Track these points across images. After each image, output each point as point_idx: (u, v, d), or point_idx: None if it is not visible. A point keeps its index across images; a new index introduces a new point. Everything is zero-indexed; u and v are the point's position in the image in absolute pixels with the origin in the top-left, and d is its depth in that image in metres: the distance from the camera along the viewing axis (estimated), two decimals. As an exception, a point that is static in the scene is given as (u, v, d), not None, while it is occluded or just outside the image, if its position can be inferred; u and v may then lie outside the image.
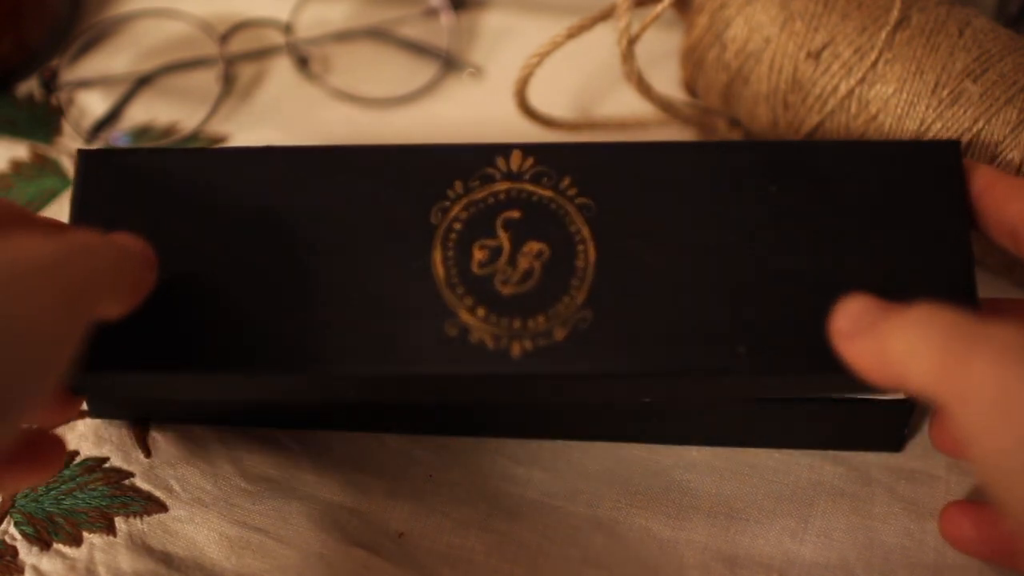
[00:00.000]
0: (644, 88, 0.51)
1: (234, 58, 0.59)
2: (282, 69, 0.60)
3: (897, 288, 0.39)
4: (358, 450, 0.46)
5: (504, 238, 0.41)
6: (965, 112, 0.46)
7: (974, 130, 0.46)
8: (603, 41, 0.52)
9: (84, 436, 0.46)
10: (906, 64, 0.47)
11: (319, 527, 0.43)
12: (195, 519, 0.44)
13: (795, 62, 0.49)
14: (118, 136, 0.57)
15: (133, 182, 0.42)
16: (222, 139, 0.57)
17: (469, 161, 0.42)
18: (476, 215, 0.41)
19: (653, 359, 0.39)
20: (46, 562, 0.42)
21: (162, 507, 0.44)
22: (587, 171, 0.41)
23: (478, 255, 0.40)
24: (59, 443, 0.38)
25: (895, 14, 0.48)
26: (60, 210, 0.54)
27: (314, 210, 0.41)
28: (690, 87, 0.55)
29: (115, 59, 0.60)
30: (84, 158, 0.42)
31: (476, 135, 0.57)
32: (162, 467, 0.45)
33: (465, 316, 0.39)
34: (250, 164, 0.42)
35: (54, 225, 0.41)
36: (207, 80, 0.58)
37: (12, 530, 0.43)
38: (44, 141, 0.57)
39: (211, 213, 0.41)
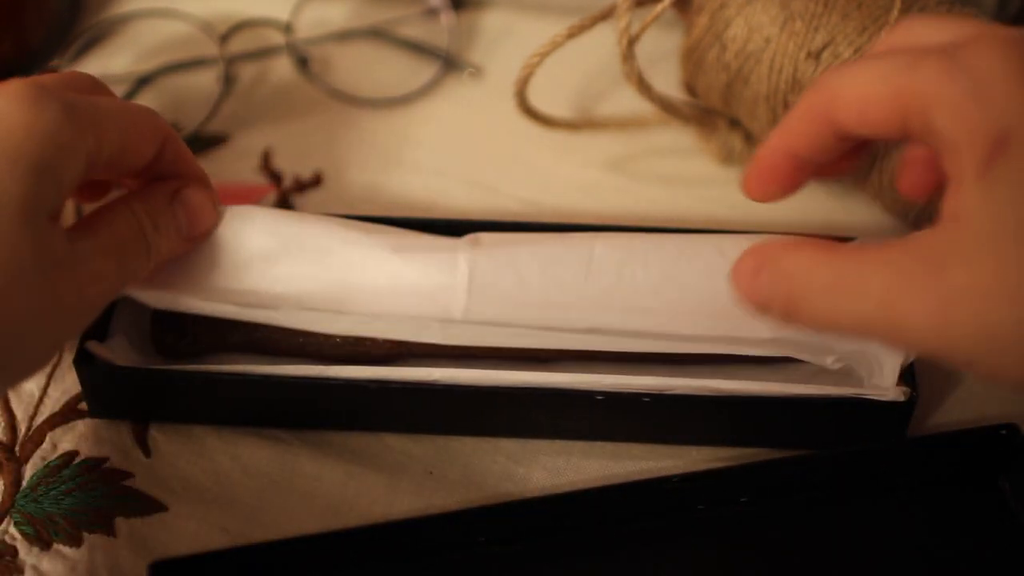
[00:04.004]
0: (644, 88, 0.51)
1: (234, 58, 0.59)
2: (282, 69, 0.60)
3: None
4: (358, 447, 0.46)
5: None
6: (965, 112, 0.46)
7: (974, 130, 0.46)
8: (603, 41, 0.52)
9: (84, 436, 0.46)
10: (906, 64, 0.47)
11: (320, 523, 0.43)
12: (196, 517, 0.44)
13: (795, 62, 0.49)
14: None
15: None
16: (222, 139, 0.57)
17: None
18: None
19: None
20: (46, 562, 0.42)
21: (162, 507, 0.44)
22: None
23: None
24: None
25: (895, 14, 0.48)
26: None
27: None
28: (690, 87, 0.55)
29: (115, 59, 0.60)
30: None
31: (476, 135, 0.57)
32: (162, 467, 0.45)
33: None
34: None
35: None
36: (207, 80, 0.58)
37: (12, 530, 0.43)
38: (44, 141, 0.57)
39: None
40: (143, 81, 0.59)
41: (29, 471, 0.45)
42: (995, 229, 0.31)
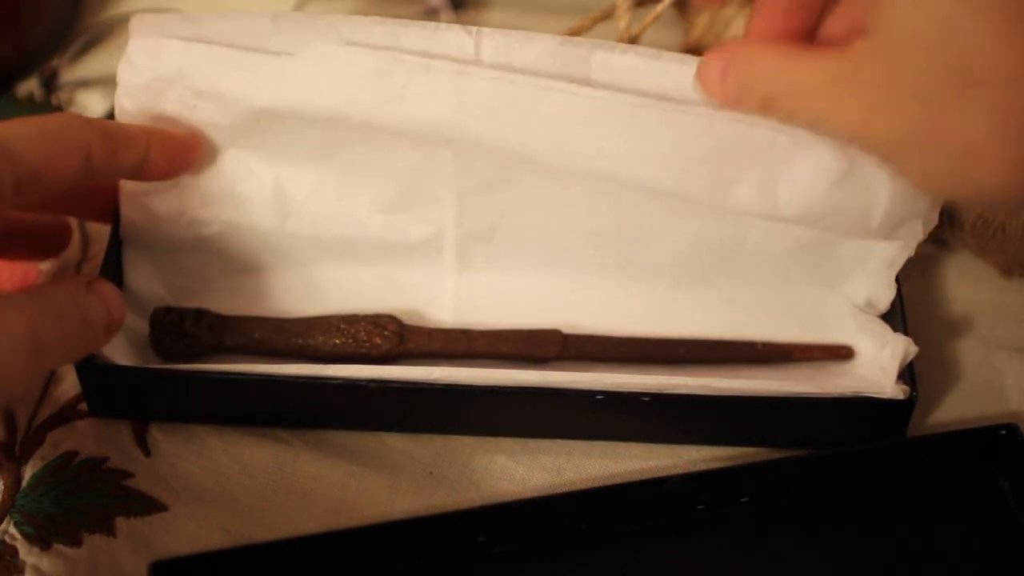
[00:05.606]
0: (644, 88, 0.51)
1: (234, 58, 0.59)
2: (282, 69, 0.60)
3: None
4: (358, 447, 0.46)
5: None
6: (965, 112, 0.46)
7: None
8: (603, 41, 0.52)
9: (84, 436, 0.46)
10: (906, 64, 0.47)
11: (320, 523, 0.43)
12: (196, 517, 0.44)
13: (795, 62, 0.49)
14: (118, 136, 0.57)
15: None
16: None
17: None
18: None
19: None
20: (46, 562, 0.42)
21: (162, 507, 0.44)
22: None
23: None
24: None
25: (895, 14, 0.48)
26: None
27: None
28: (690, 87, 0.55)
29: (115, 59, 0.59)
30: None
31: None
32: (162, 467, 0.45)
33: None
34: None
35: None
36: (207, 80, 0.58)
37: (12, 530, 0.43)
38: (44, 141, 0.56)
39: None
40: (143, 81, 0.59)
41: (29, 471, 0.45)
42: (901, 40, 0.34)
